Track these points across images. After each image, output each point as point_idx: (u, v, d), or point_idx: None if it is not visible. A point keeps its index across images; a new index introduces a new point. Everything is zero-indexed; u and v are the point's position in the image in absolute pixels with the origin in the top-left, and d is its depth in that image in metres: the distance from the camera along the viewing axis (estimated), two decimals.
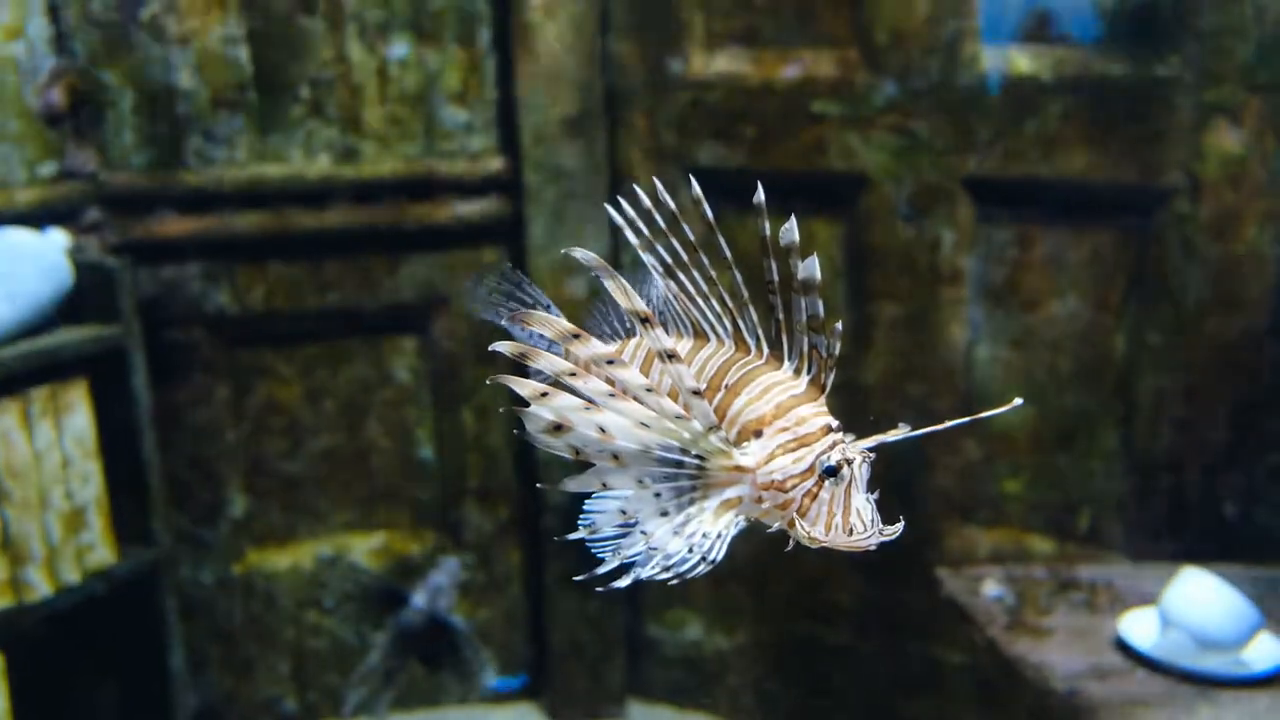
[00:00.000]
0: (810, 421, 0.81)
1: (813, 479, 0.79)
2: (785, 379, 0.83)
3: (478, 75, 2.74)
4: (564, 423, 0.78)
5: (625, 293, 0.76)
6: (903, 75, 2.42)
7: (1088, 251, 2.43)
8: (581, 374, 0.77)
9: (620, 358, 0.78)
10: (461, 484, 2.92)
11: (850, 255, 2.59)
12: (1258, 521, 2.31)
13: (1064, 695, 1.60)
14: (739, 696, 2.90)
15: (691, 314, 0.89)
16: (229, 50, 2.57)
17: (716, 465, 0.81)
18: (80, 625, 2.48)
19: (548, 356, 0.78)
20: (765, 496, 0.81)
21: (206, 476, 2.77)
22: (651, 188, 0.88)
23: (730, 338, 0.87)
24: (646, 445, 0.79)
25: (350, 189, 2.68)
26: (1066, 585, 1.96)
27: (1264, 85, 2.18)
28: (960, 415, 0.83)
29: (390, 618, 2.86)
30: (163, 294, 2.64)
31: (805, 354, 0.82)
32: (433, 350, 2.87)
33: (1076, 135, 2.33)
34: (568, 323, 0.77)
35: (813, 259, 0.79)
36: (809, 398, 0.82)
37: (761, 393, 0.82)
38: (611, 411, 0.78)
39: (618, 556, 0.81)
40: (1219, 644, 1.67)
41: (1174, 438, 2.38)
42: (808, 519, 0.80)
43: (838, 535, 0.79)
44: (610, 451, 0.79)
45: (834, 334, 0.81)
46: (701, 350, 0.87)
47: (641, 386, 0.78)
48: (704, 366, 0.86)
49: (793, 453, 0.80)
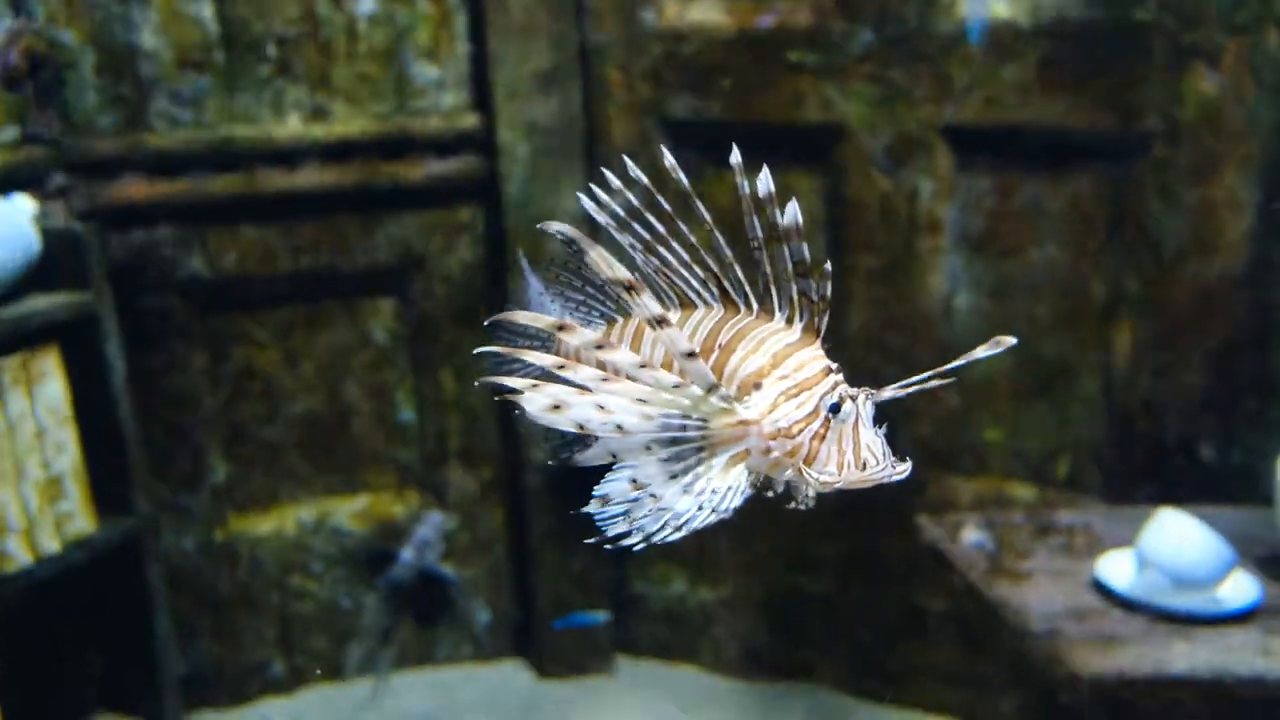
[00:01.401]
0: (809, 366, 0.81)
1: (818, 420, 0.79)
2: (779, 329, 0.83)
3: (448, 30, 2.68)
4: (562, 404, 0.78)
5: (607, 263, 0.74)
6: (879, 23, 2.39)
7: (1066, 199, 2.42)
8: (571, 364, 0.77)
9: (608, 340, 0.78)
10: (443, 445, 2.91)
11: (829, 207, 2.57)
12: (1234, 464, 2.34)
13: (1042, 636, 1.62)
14: (724, 649, 2.93)
15: (676, 285, 0.88)
16: (192, 8, 2.51)
17: (721, 424, 0.80)
18: (64, 595, 2.47)
19: (535, 354, 0.77)
20: (773, 446, 0.80)
21: (185, 443, 2.75)
22: (622, 166, 0.86)
23: (718, 301, 0.86)
24: (648, 416, 0.78)
25: (321, 149, 2.63)
26: (1045, 530, 1.98)
27: (1241, 27, 2.16)
28: (939, 365, 0.83)
29: (381, 577, 2.87)
30: (134, 260, 2.60)
31: (795, 302, 0.82)
32: (411, 311, 2.85)
33: (1054, 81, 2.31)
34: (551, 318, 0.77)
35: (793, 204, 0.78)
36: (805, 344, 0.82)
37: (756, 346, 0.82)
38: (608, 394, 0.78)
39: (629, 521, 0.80)
40: (1194, 582, 1.69)
41: (1152, 383, 2.39)
42: (818, 462, 0.79)
43: (850, 472, 0.79)
44: (615, 423, 0.78)
45: (823, 275, 0.80)
46: (691, 317, 0.87)
47: (634, 364, 0.77)
48: (695, 331, 0.85)
49: (795, 398, 0.80)
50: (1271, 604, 1.74)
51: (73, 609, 2.59)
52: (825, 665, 2.84)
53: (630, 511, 0.80)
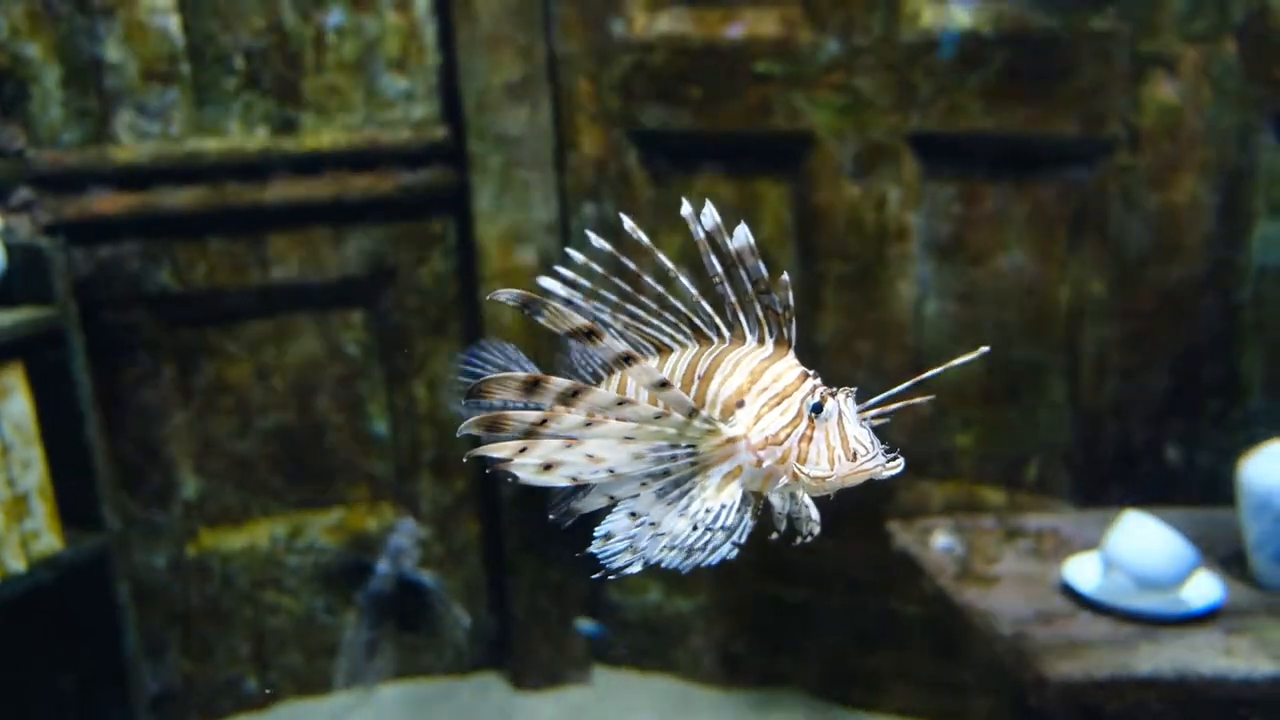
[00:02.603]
0: (785, 376, 0.83)
1: (804, 423, 0.81)
2: (752, 349, 0.85)
3: (417, 42, 2.68)
4: (553, 463, 0.79)
5: (561, 317, 0.76)
6: (845, 33, 2.42)
7: (1031, 205, 2.45)
8: (553, 415, 0.78)
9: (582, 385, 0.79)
10: (416, 457, 2.90)
11: (798, 215, 2.59)
12: (1199, 465, 2.36)
13: (1010, 639, 1.64)
14: (701, 657, 2.93)
15: (650, 335, 0.91)
16: (157, 20, 2.49)
17: (709, 446, 0.82)
18: (32, 614, 2.43)
19: (514, 415, 0.78)
20: (763, 456, 0.82)
21: (155, 458, 2.72)
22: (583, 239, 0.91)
23: (693, 340, 0.89)
24: (638, 454, 0.80)
25: (290, 161, 2.63)
26: (1014, 534, 1.99)
27: (1198, 35, 2.20)
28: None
29: (361, 591, 2.86)
30: (100, 274, 2.58)
31: (763, 320, 0.84)
32: (382, 323, 2.84)
33: (1017, 89, 2.34)
34: (522, 374, 0.78)
35: (741, 226, 0.81)
36: (779, 356, 0.84)
37: (733, 368, 0.84)
38: (593, 439, 0.79)
39: (632, 552, 0.82)
40: (1158, 584, 1.71)
41: (1118, 386, 2.42)
42: (809, 463, 0.81)
43: (842, 466, 0.81)
44: (607, 468, 0.80)
45: (782, 287, 0.83)
46: (669, 359, 0.89)
47: (613, 402, 0.79)
48: (674, 370, 0.88)
49: (777, 406, 0.82)
50: (1234, 604, 1.76)
51: (41, 628, 2.55)
52: (801, 672, 2.85)
53: (632, 542, 0.82)
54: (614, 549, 0.82)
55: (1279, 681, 1.54)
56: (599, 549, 0.83)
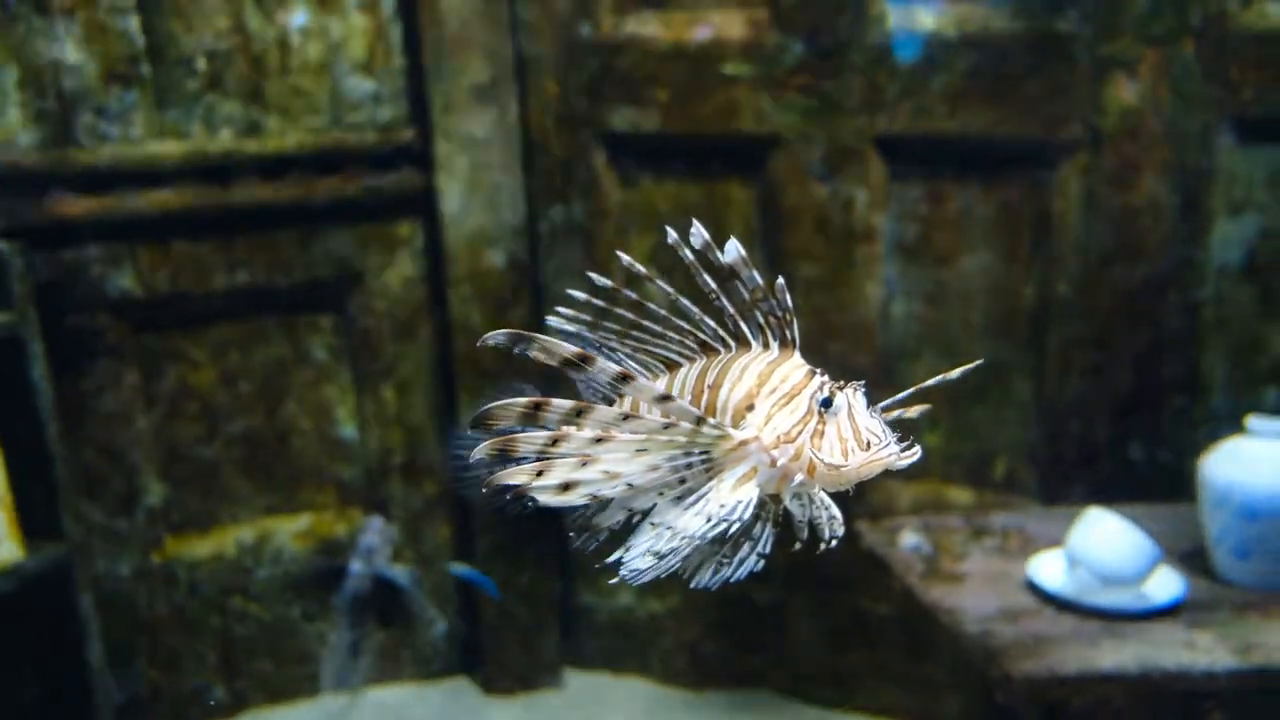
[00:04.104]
0: (793, 376, 0.85)
1: (814, 419, 0.83)
2: (758, 354, 0.87)
3: (383, 43, 2.67)
4: (570, 483, 0.80)
5: (549, 351, 0.77)
6: (811, 35, 2.43)
7: (996, 206, 2.47)
8: (562, 435, 0.79)
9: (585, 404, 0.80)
10: (386, 461, 2.88)
11: (766, 216, 2.60)
12: (1161, 462, 2.40)
13: (977, 637, 1.65)
14: (673, 659, 2.93)
15: (657, 355, 0.93)
16: (117, 21, 2.46)
17: (722, 451, 0.83)
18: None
19: (525, 438, 0.79)
20: (777, 455, 0.83)
21: (119, 466, 2.69)
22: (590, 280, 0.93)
23: (700, 353, 0.91)
24: (652, 466, 0.81)
25: (255, 164, 2.60)
26: (980, 532, 2.01)
27: (1158, 38, 2.23)
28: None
29: (338, 594, 2.84)
30: (62, 279, 2.53)
31: (764, 326, 0.86)
32: (350, 327, 2.82)
33: (981, 91, 2.36)
34: (523, 398, 0.78)
35: (731, 242, 0.83)
36: (785, 358, 0.86)
37: (741, 374, 0.86)
38: (607, 454, 0.80)
39: (651, 556, 0.83)
40: (1121, 579, 1.73)
41: (1082, 385, 2.45)
42: (823, 457, 0.82)
43: (855, 456, 0.82)
44: (625, 482, 0.81)
45: (779, 291, 0.85)
46: (678, 374, 0.91)
47: (619, 416, 0.80)
48: (683, 383, 0.89)
49: (787, 405, 0.84)
50: (1195, 598, 1.79)
51: (2, 639, 2.51)
52: (774, 672, 2.86)
53: (653, 548, 0.83)
54: (636, 555, 0.83)
55: (1240, 674, 1.57)
56: (622, 555, 0.84)
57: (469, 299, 2.72)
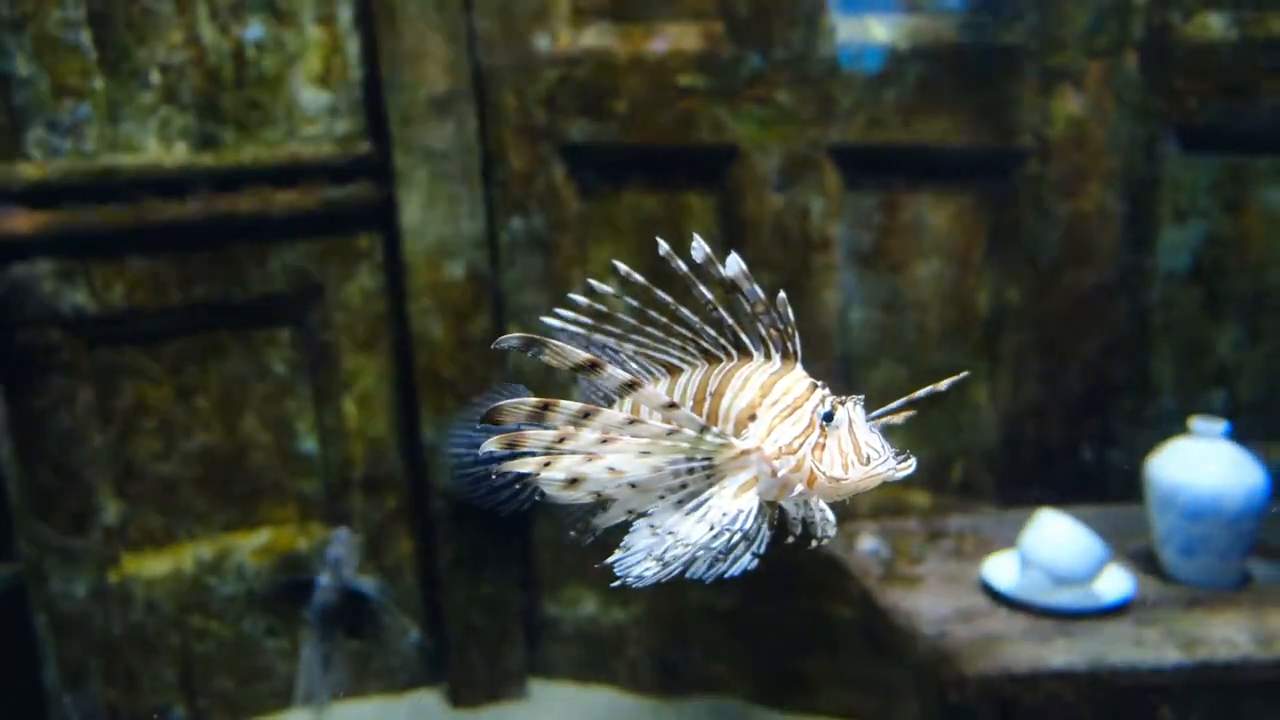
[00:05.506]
0: (795, 388, 0.87)
1: (815, 432, 0.85)
2: (760, 365, 0.89)
3: (340, 56, 2.66)
4: (577, 476, 0.82)
5: (561, 354, 0.79)
6: (766, 47, 2.46)
7: (949, 214, 2.52)
8: (570, 434, 0.81)
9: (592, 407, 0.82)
10: (346, 475, 2.87)
11: (725, 226, 2.62)
12: (1111, 463, 2.45)
13: (932, 639, 1.68)
14: (639, 667, 2.94)
15: (657, 360, 0.94)
16: (69, 34, 2.43)
17: (724, 459, 0.85)
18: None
19: (533, 434, 0.81)
20: (778, 466, 0.85)
21: (74, 484, 2.65)
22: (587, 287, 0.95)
23: (701, 360, 0.92)
24: (655, 468, 0.83)
25: (211, 177, 2.58)
26: (936, 535, 2.04)
27: (1102, 50, 2.29)
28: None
29: (307, 608, 2.81)
30: (13, 294, 2.50)
31: (766, 338, 0.88)
32: (309, 341, 2.80)
33: (933, 102, 2.41)
34: (533, 399, 0.80)
35: (733, 257, 0.86)
36: (787, 370, 0.88)
37: (744, 384, 0.88)
38: (612, 454, 0.82)
39: (651, 559, 0.84)
40: (1072, 579, 1.77)
41: (1035, 389, 2.50)
42: (824, 469, 0.84)
43: (855, 469, 0.84)
44: (628, 481, 0.83)
45: (781, 304, 0.87)
46: (679, 380, 0.93)
47: (624, 421, 0.82)
48: (685, 389, 0.91)
49: (789, 417, 0.85)
50: (1144, 596, 1.83)
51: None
52: (738, 678, 2.87)
53: (652, 551, 0.84)
54: (634, 558, 0.84)
55: (1186, 670, 1.61)
56: (618, 558, 0.85)
57: (429, 311, 2.72)
